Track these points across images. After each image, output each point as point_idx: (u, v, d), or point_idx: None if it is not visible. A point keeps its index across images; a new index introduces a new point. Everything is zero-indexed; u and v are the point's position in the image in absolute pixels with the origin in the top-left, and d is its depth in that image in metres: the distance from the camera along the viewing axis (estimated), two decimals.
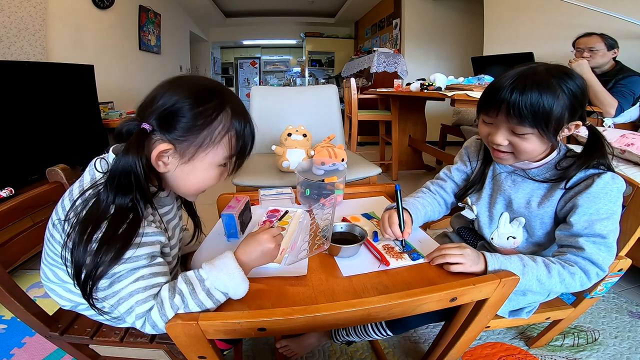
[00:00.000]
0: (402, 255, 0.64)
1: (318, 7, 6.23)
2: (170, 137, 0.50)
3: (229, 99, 0.53)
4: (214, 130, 0.51)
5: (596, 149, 0.64)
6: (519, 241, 0.71)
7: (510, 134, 0.63)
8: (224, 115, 0.51)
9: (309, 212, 0.84)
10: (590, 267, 0.60)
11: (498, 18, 2.91)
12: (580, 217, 0.60)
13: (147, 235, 0.49)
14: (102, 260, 0.44)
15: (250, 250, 0.54)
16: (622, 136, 1.21)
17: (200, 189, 0.58)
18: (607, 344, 1.00)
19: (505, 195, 0.72)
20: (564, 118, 0.59)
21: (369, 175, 1.32)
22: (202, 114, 0.49)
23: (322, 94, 1.71)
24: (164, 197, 0.60)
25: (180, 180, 0.54)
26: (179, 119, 0.49)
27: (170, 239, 0.59)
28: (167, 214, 0.62)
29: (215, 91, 0.52)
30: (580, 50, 1.72)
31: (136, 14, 3.85)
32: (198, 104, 0.49)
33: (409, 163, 3.01)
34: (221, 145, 0.52)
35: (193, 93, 0.50)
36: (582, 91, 0.60)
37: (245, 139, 0.55)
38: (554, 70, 0.60)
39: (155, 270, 0.49)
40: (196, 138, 0.50)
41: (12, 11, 2.20)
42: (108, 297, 0.47)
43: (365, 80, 4.41)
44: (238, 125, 0.53)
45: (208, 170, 0.54)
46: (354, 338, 0.83)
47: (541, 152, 0.66)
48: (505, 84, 0.60)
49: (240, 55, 8.87)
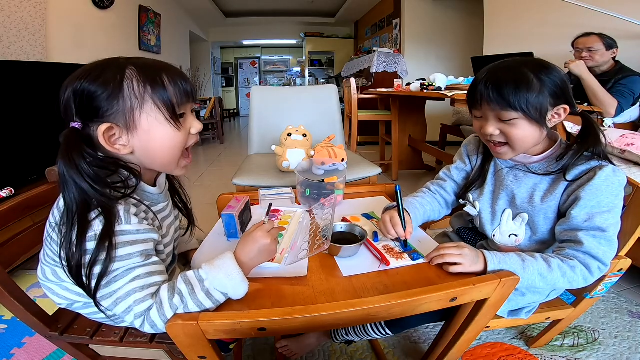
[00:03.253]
0: (402, 255, 0.64)
1: (318, 7, 6.24)
2: (101, 118, 0.49)
3: (127, 60, 0.51)
4: (131, 88, 0.49)
5: (589, 135, 0.64)
6: (521, 239, 0.71)
7: (498, 122, 0.65)
8: (131, 72, 0.49)
9: (309, 212, 0.84)
10: (590, 261, 0.59)
11: (498, 18, 2.91)
12: (581, 209, 0.60)
13: (139, 232, 0.49)
14: (98, 259, 0.44)
15: (248, 250, 0.54)
16: (622, 136, 1.22)
17: (171, 155, 0.55)
18: (607, 344, 1.00)
19: (508, 191, 0.72)
20: (544, 99, 0.61)
21: (369, 175, 1.32)
22: (108, 81, 0.48)
23: (322, 94, 1.71)
24: (157, 195, 0.60)
25: (147, 152, 0.53)
26: (92, 98, 0.48)
27: (164, 237, 0.59)
28: (162, 212, 0.61)
29: (109, 61, 0.51)
30: (579, 51, 1.72)
31: (136, 14, 3.86)
32: (98, 75, 0.48)
33: (409, 163, 3.00)
34: (151, 99, 0.50)
35: (88, 72, 0.49)
36: (559, 78, 0.61)
37: (168, 83, 0.51)
38: (528, 62, 0.63)
39: (152, 269, 0.49)
40: (120, 104, 0.49)
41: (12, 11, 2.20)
42: (105, 297, 0.47)
43: (365, 80, 4.41)
44: (152, 75, 0.51)
45: (161, 130, 0.52)
46: (354, 338, 0.83)
47: (535, 140, 0.66)
48: (481, 76, 0.65)
49: (240, 55, 8.88)
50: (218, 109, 4.71)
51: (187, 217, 0.73)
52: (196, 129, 0.57)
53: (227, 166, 3.39)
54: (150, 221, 0.54)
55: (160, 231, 0.57)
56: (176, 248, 0.70)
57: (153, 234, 0.51)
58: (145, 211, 0.54)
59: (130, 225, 0.48)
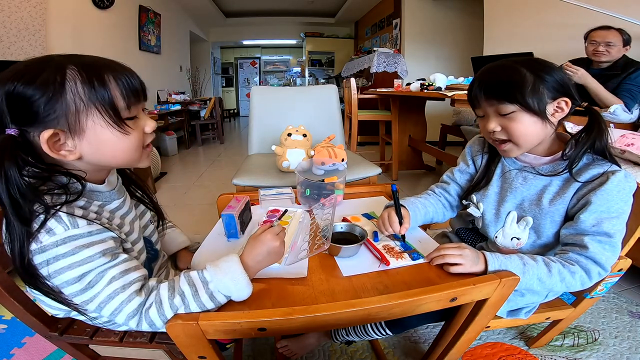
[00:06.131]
0: (403, 255, 0.64)
1: (318, 7, 6.24)
2: (42, 124, 0.44)
3: (66, 59, 0.46)
4: (75, 91, 0.45)
5: (593, 129, 0.63)
6: (522, 242, 0.70)
7: (498, 117, 0.65)
8: (73, 73, 0.45)
9: (309, 212, 0.84)
10: (592, 266, 0.59)
11: (498, 18, 2.91)
12: (590, 214, 0.60)
13: (92, 234, 0.46)
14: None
15: (256, 252, 0.54)
16: (622, 136, 1.21)
17: (127, 157, 0.52)
18: (607, 344, 1.00)
19: (517, 193, 0.71)
20: (541, 90, 0.60)
21: (369, 175, 1.32)
22: (47, 83, 0.43)
23: (322, 94, 1.71)
24: (107, 192, 0.55)
25: (99, 156, 0.49)
26: (28, 102, 0.43)
27: (128, 234, 0.56)
28: (119, 209, 0.57)
29: (43, 60, 0.46)
30: (594, 44, 1.63)
31: (136, 14, 3.86)
32: (33, 77, 0.43)
33: (409, 163, 3.00)
34: (96, 102, 0.46)
35: (20, 73, 0.43)
36: (553, 71, 0.62)
37: (114, 84, 0.47)
38: (521, 60, 0.64)
39: (124, 267, 0.48)
40: (63, 108, 0.44)
41: (12, 11, 2.21)
42: (87, 302, 0.46)
43: (365, 80, 4.41)
44: (97, 75, 0.46)
45: (110, 134, 0.48)
46: (354, 338, 0.83)
47: (539, 136, 0.65)
48: (477, 76, 0.68)
49: (240, 55, 8.88)
50: (218, 109, 4.71)
51: (153, 210, 0.69)
52: (150, 127, 0.54)
53: (227, 166, 3.39)
54: (105, 220, 0.52)
55: (123, 228, 0.55)
56: (155, 244, 0.67)
57: (109, 233, 0.49)
58: (97, 212, 0.51)
59: (79, 228, 0.45)
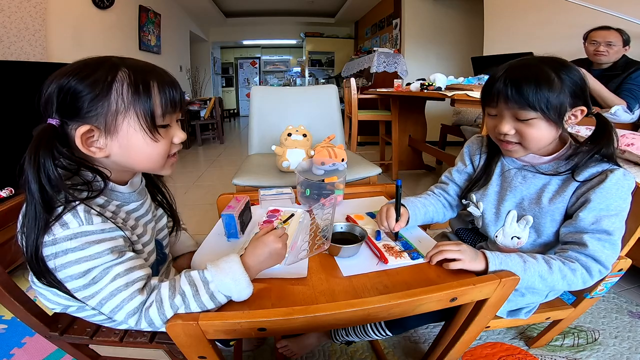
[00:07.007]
0: (402, 254, 0.64)
1: (318, 7, 6.24)
2: (82, 119, 0.47)
3: (121, 61, 0.49)
4: (120, 92, 0.47)
5: (603, 136, 0.63)
6: (523, 242, 0.70)
7: (514, 121, 0.63)
8: (123, 75, 0.47)
9: (309, 212, 0.84)
10: (592, 264, 0.59)
11: (498, 18, 2.91)
12: (589, 212, 0.60)
13: (104, 231, 0.47)
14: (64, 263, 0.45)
15: (258, 253, 0.54)
16: (622, 136, 1.21)
17: (152, 163, 0.53)
18: (607, 344, 1.00)
19: (516, 192, 0.71)
20: (565, 99, 0.59)
21: (369, 175, 1.32)
22: (97, 82, 0.46)
23: (322, 94, 1.71)
24: (128, 194, 0.57)
25: (127, 157, 0.51)
26: (76, 97, 0.46)
27: (141, 236, 0.57)
28: (136, 211, 0.58)
29: (101, 60, 0.49)
30: (594, 44, 1.62)
31: (136, 14, 3.86)
32: (88, 74, 0.46)
33: (409, 163, 3.00)
34: (136, 106, 0.48)
35: (78, 69, 0.47)
36: (579, 77, 0.60)
37: (156, 92, 0.50)
38: (546, 59, 0.62)
39: (130, 265, 0.48)
40: (105, 107, 0.47)
41: (12, 11, 2.20)
42: (88, 298, 0.46)
43: (365, 80, 4.41)
44: (143, 80, 0.48)
45: (141, 139, 0.50)
46: (354, 338, 0.83)
47: (549, 141, 0.64)
48: (500, 73, 0.63)
49: (240, 55, 8.88)
50: (218, 109, 4.71)
51: (171, 217, 0.71)
52: (179, 138, 0.55)
53: (227, 166, 3.39)
54: (120, 220, 0.53)
55: (136, 230, 0.56)
56: (165, 247, 0.68)
57: (121, 232, 0.50)
58: (114, 211, 0.53)
59: (93, 225, 0.46)
